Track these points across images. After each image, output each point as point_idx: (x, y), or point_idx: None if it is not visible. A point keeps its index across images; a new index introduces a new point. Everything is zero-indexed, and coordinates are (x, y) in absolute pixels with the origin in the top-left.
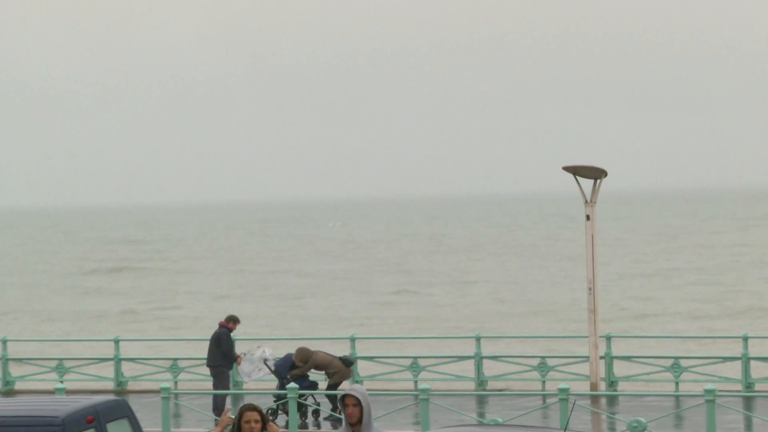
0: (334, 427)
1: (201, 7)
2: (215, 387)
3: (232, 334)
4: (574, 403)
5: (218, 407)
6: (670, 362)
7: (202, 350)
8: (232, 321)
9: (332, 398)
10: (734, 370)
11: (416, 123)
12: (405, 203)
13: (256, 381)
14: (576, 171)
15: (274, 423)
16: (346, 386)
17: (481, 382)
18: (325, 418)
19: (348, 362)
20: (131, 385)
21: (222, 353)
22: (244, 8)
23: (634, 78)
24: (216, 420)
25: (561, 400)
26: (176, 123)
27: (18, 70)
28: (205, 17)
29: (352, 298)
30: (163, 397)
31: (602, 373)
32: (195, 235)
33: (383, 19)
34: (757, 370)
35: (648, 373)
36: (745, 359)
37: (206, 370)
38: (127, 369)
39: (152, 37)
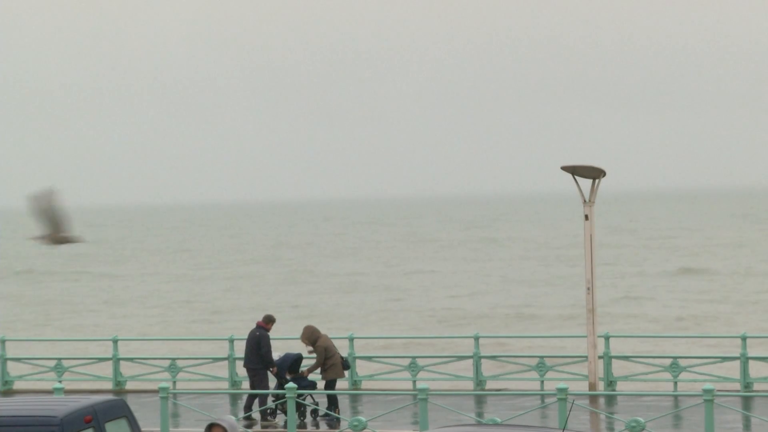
0: (330, 426)
1: (196, 7)
2: (252, 388)
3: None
4: (573, 403)
5: (253, 407)
6: (668, 362)
7: (200, 350)
8: (271, 321)
9: (331, 397)
10: (733, 369)
11: (413, 123)
12: (403, 203)
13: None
14: (574, 171)
15: None
16: (342, 385)
17: (479, 382)
18: (321, 416)
19: (346, 365)
20: (130, 385)
21: (261, 356)
22: (240, 8)
23: (633, 78)
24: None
25: (559, 399)
26: (171, 123)
27: (11, 71)
28: (199, 16)
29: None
30: (161, 397)
31: (601, 372)
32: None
33: (381, 18)
34: (756, 369)
35: (646, 373)
36: (744, 359)
37: (204, 369)
38: (125, 369)
39: (146, 36)
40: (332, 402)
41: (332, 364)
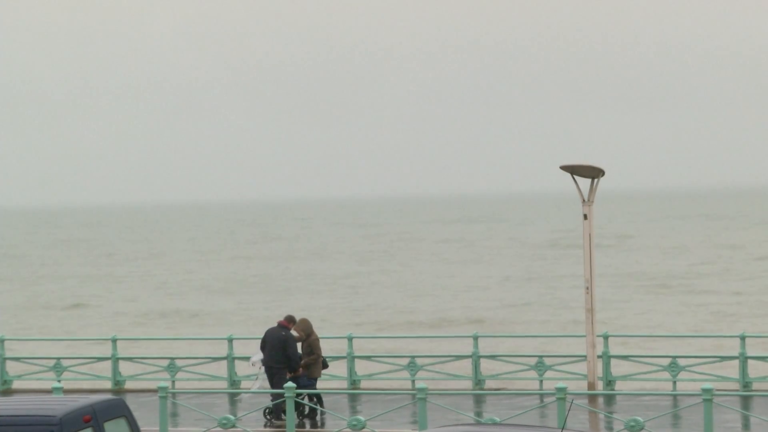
0: (323, 425)
1: (192, 7)
2: (271, 386)
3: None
4: (572, 403)
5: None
6: (667, 361)
7: (199, 350)
8: (292, 321)
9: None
10: (732, 369)
11: (411, 123)
12: (401, 203)
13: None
14: (573, 170)
15: None
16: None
17: (478, 382)
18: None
19: (325, 365)
20: (129, 385)
21: (287, 356)
22: (236, 8)
23: (631, 78)
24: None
25: (558, 399)
26: (168, 123)
27: (8, 71)
28: (195, 17)
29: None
30: (160, 397)
31: (600, 372)
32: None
33: (378, 17)
34: (755, 369)
35: (645, 373)
36: (743, 358)
37: (203, 369)
38: (124, 368)
39: (142, 37)
40: (318, 397)
41: (317, 359)
